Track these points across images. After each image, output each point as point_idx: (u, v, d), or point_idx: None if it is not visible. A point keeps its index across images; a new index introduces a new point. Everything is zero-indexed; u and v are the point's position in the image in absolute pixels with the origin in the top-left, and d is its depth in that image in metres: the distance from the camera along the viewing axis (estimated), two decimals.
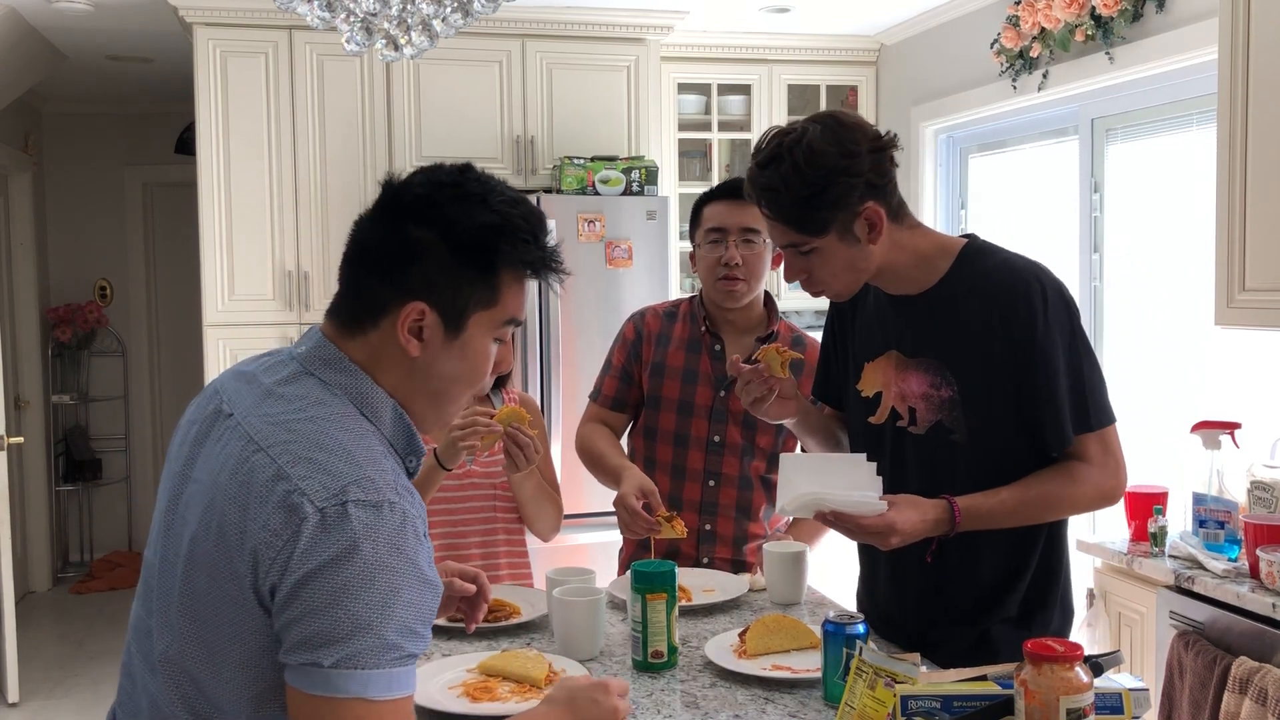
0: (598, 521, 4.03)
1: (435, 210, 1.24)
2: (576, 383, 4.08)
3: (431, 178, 1.27)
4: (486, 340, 1.29)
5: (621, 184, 4.22)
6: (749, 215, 2.39)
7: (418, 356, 1.25)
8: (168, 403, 6.56)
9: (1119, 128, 3.73)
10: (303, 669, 1.10)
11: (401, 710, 1.13)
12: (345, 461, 1.14)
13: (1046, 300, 1.75)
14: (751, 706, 1.65)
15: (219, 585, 1.15)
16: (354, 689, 1.09)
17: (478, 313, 1.26)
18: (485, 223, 1.25)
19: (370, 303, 1.25)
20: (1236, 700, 2.39)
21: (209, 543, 1.16)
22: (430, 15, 2.18)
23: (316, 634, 1.09)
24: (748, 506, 2.46)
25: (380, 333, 1.25)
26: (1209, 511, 2.75)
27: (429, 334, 1.24)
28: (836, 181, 1.71)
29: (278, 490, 1.12)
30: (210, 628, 1.16)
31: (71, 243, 6.34)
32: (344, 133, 4.24)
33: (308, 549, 1.09)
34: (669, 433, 2.47)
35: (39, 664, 4.84)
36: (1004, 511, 1.76)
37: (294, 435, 1.17)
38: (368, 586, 1.09)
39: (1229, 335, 3.06)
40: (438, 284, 1.23)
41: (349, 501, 1.11)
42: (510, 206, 1.28)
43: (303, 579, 1.09)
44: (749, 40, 4.78)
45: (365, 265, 1.26)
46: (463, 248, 1.24)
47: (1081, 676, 1.24)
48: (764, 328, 2.49)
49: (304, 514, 1.10)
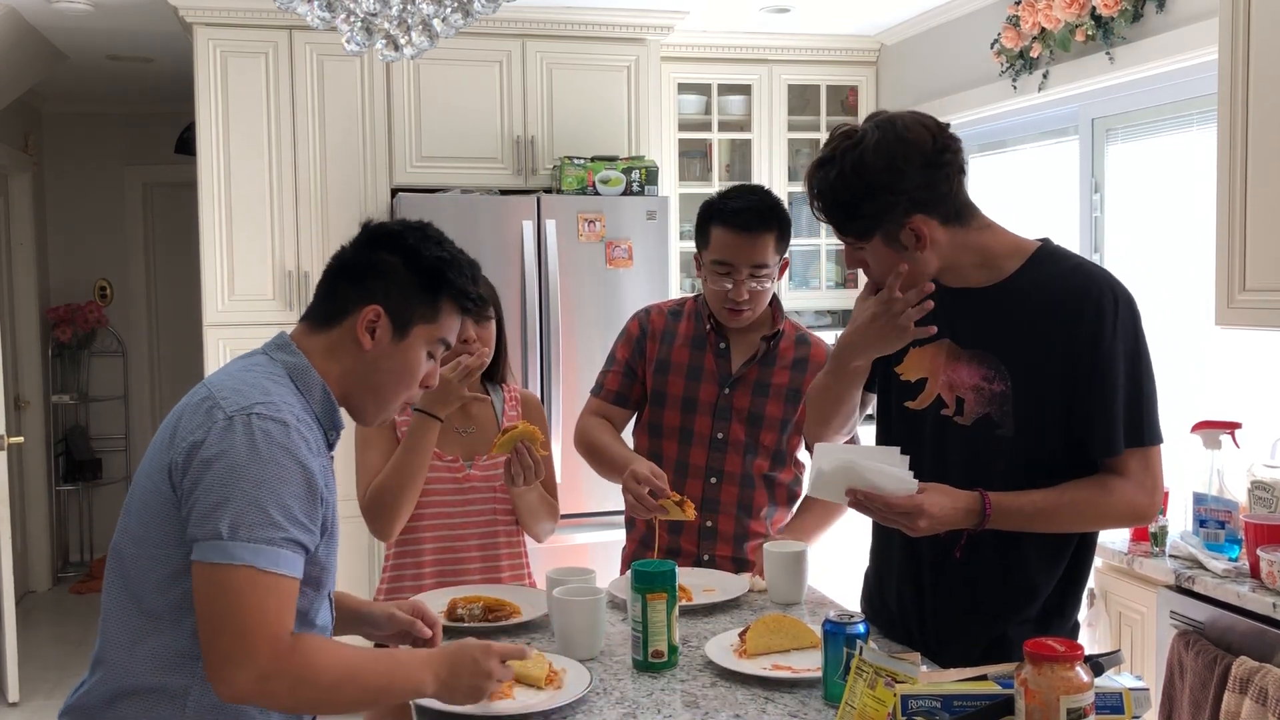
0: (597, 521, 4.03)
1: (402, 241, 1.62)
2: (576, 382, 4.08)
3: (403, 224, 1.66)
4: (422, 351, 1.63)
5: (621, 184, 4.22)
6: (758, 250, 2.35)
7: (368, 350, 1.58)
8: (168, 403, 6.53)
9: (1119, 128, 3.73)
10: (206, 543, 1.38)
11: (284, 588, 1.39)
12: (259, 392, 1.47)
13: (1118, 309, 1.74)
14: (751, 706, 1.65)
15: (150, 481, 1.48)
16: (245, 557, 1.36)
17: (420, 325, 1.61)
18: (438, 255, 1.62)
19: (340, 304, 1.60)
20: (1237, 700, 2.39)
21: (152, 450, 1.51)
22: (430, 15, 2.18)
23: (213, 507, 1.38)
24: (749, 505, 2.45)
25: (341, 329, 1.59)
26: (1209, 511, 2.75)
27: (380, 333, 1.58)
28: (876, 197, 1.72)
29: (204, 405, 1.46)
30: (139, 518, 1.48)
31: (71, 243, 6.34)
32: (344, 133, 4.24)
33: (214, 442, 1.41)
34: (673, 429, 2.47)
35: (39, 664, 4.84)
36: (1034, 512, 1.75)
37: (228, 377, 1.52)
38: (258, 472, 1.39)
39: (1229, 335, 3.06)
40: (393, 294, 1.59)
41: (253, 414, 1.43)
42: (458, 252, 1.66)
43: (205, 462, 1.40)
44: (749, 40, 4.78)
45: (341, 275, 1.63)
46: (418, 270, 1.60)
47: (1082, 676, 1.24)
48: (769, 327, 2.49)
49: (215, 418, 1.43)
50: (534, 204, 4.13)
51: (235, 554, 1.36)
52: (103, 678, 1.49)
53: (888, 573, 1.99)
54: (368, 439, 2.34)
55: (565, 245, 4.14)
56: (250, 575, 1.36)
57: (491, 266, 4.05)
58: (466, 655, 1.54)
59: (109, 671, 1.48)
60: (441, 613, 2.05)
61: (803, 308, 5.10)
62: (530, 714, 1.61)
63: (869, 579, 2.08)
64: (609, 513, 4.01)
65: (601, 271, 4.18)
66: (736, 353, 2.47)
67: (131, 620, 1.47)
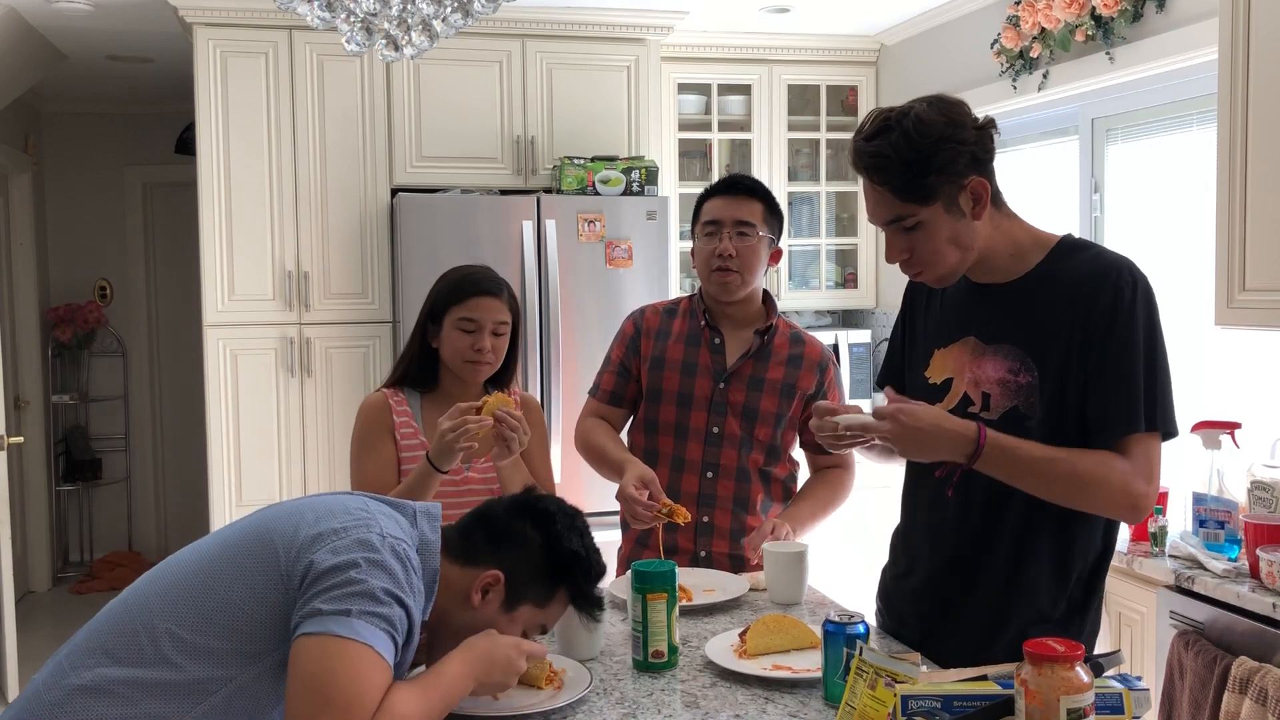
0: (597, 521, 3.98)
1: (550, 525, 1.67)
2: (576, 382, 4.08)
3: (559, 508, 1.71)
4: (520, 629, 1.65)
5: (621, 184, 4.22)
6: (744, 209, 2.45)
7: (473, 608, 1.61)
8: (168, 403, 6.56)
9: (1119, 128, 3.73)
10: (332, 618, 1.40)
11: (387, 671, 1.42)
12: (405, 535, 1.55)
13: (1136, 292, 1.74)
14: (751, 706, 1.65)
15: (261, 545, 1.50)
16: (366, 636, 1.39)
17: (529, 606, 1.64)
18: (574, 551, 1.66)
19: (470, 553, 1.64)
20: (1236, 700, 2.39)
21: (276, 520, 1.54)
22: (430, 15, 2.18)
23: (344, 595, 1.42)
24: (745, 499, 2.47)
25: (463, 572, 1.62)
26: (1209, 511, 2.75)
27: (491, 597, 1.62)
28: (944, 147, 1.73)
29: (361, 516, 1.52)
30: (233, 565, 1.50)
31: (71, 243, 6.34)
32: (344, 133, 4.24)
33: (346, 548, 1.46)
34: (669, 425, 2.49)
35: (39, 664, 4.81)
36: (1030, 462, 1.72)
37: (383, 514, 1.56)
38: (391, 580, 1.45)
39: (1229, 335, 3.06)
40: (520, 570, 1.63)
41: (389, 539, 1.49)
42: (594, 552, 1.70)
43: (336, 568, 1.44)
44: (749, 40, 4.78)
45: (483, 525, 1.68)
46: (550, 558, 1.65)
47: (1082, 676, 1.24)
48: (762, 322, 2.52)
49: (360, 536, 1.48)
50: (534, 204, 4.13)
51: (362, 632, 1.40)
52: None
53: (910, 570, 1.97)
54: (365, 445, 2.34)
55: (565, 245, 4.14)
56: (370, 654, 1.40)
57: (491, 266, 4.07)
58: (501, 654, 1.57)
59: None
60: None
61: (802, 308, 5.10)
62: (530, 714, 1.62)
63: (884, 574, 2.07)
64: (608, 513, 4.00)
65: (601, 271, 4.18)
66: (731, 348, 2.50)
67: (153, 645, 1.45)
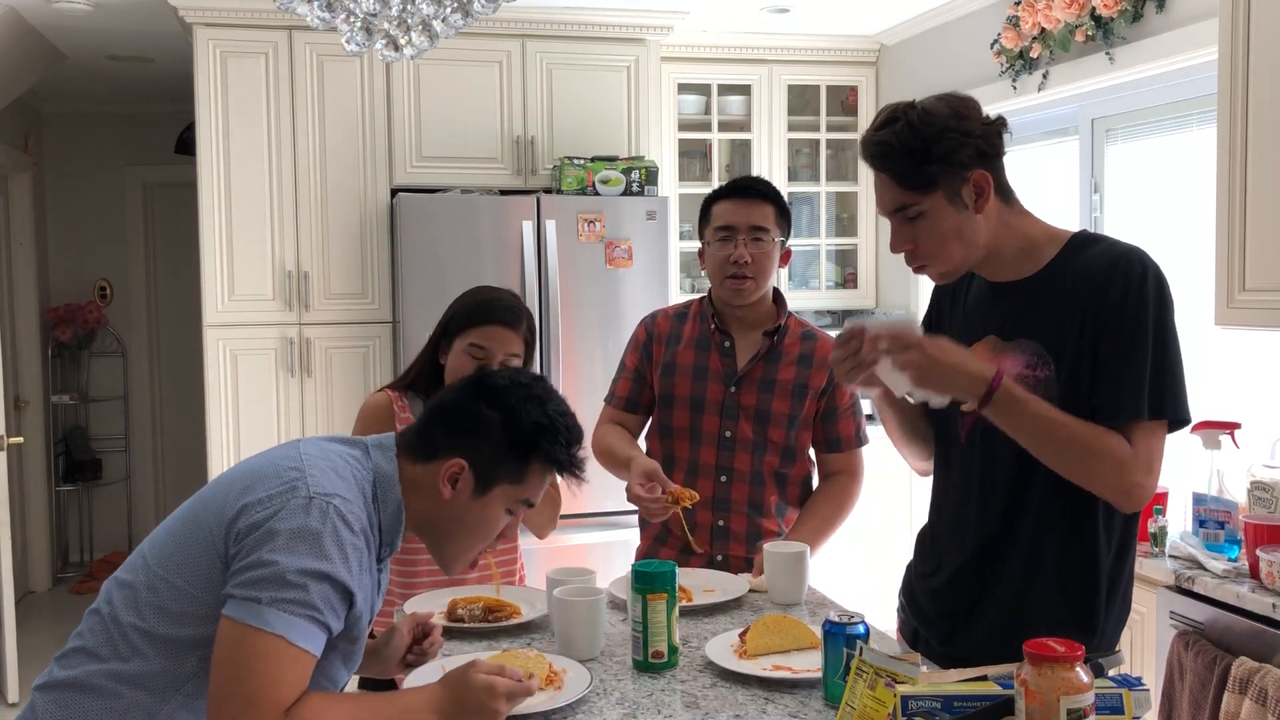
0: (597, 521, 4.04)
1: (505, 399, 1.59)
2: (577, 382, 4.08)
3: (511, 380, 1.63)
4: (501, 508, 1.61)
5: (621, 184, 4.22)
6: (757, 213, 2.43)
7: (446, 500, 1.57)
8: (168, 403, 6.56)
9: (1119, 128, 3.73)
10: (244, 604, 1.37)
11: (306, 664, 1.39)
12: (346, 488, 1.48)
13: (1146, 279, 1.75)
14: (751, 706, 1.65)
15: (204, 518, 1.48)
16: (280, 627, 1.36)
17: (503, 484, 1.59)
18: (536, 421, 1.59)
19: (430, 446, 1.59)
20: (1236, 700, 2.39)
21: (218, 487, 1.51)
22: (430, 15, 2.18)
23: (262, 575, 1.37)
24: (760, 502, 2.46)
25: (426, 469, 1.58)
26: (1209, 511, 2.75)
27: (461, 486, 1.57)
28: (946, 137, 1.76)
29: (290, 475, 1.46)
30: (178, 543, 1.48)
31: (71, 243, 6.34)
32: (344, 133, 4.24)
33: (285, 516, 1.40)
34: (683, 430, 2.49)
35: (39, 664, 4.82)
36: (1034, 417, 1.70)
37: (323, 456, 1.52)
38: (311, 554, 1.39)
39: (1229, 335, 3.06)
40: (483, 452, 1.57)
41: (331, 504, 1.43)
42: (562, 416, 1.62)
43: (271, 532, 1.40)
44: (749, 40, 4.78)
45: (438, 417, 1.62)
46: (513, 432, 1.58)
47: (1082, 676, 1.24)
48: (772, 322, 2.51)
49: (297, 493, 1.43)
50: (534, 204, 4.13)
51: (271, 622, 1.36)
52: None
53: (936, 570, 1.95)
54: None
55: (565, 245, 4.14)
56: (280, 645, 1.36)
57: (491, 267, 4.08)
58: (473, 697, 1.48)
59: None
60: (441, 613, 2.05)
61: (803, 308, 5.10)
62: (530, 714, 1.61)
63: (909, 573, 2.05)
64: (608, 513, 4.02)
65: (601, 272, 4.18)
66: (741, 351, 2.49)
67: (121, 632, 1.48)
